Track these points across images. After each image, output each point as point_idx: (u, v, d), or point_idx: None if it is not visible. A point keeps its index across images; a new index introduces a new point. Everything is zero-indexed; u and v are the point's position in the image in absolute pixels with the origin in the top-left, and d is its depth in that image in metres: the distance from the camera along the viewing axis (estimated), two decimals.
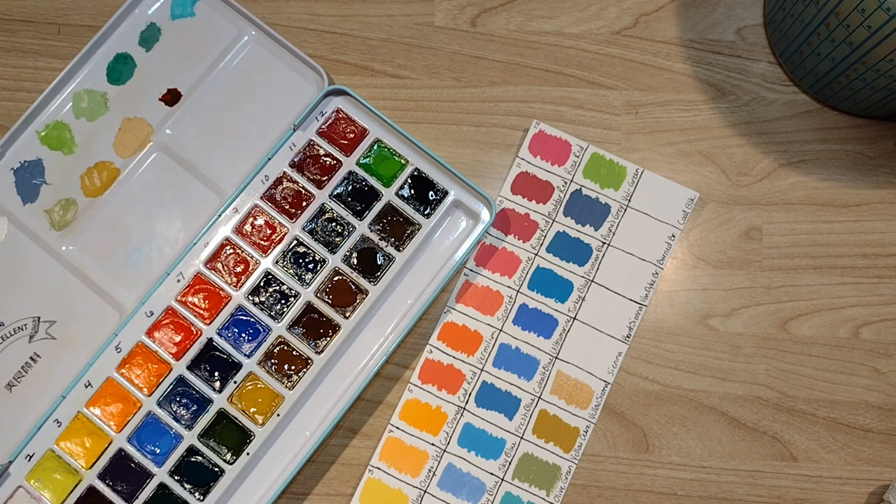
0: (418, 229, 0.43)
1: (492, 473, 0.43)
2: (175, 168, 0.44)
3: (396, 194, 0.43)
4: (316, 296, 0.42)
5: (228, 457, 0.41)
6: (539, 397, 0.43)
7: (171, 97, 0.45)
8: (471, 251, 0.44)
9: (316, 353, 0.42)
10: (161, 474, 0.40)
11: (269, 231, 0.43)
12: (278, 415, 0.41)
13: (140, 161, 0.44)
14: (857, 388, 0.43)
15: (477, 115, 0.46)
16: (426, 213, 0.43)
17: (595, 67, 0.47)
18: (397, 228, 0.43)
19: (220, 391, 0.41)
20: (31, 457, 0.40)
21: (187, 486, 0.40)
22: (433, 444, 0.43)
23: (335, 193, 0.43)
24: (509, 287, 0.44)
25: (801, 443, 0.43)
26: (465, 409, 0.43)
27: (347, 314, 0.42)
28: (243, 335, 0.42)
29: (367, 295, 0.42)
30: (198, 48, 0.45)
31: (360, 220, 0.43)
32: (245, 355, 0.42)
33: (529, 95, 0.46)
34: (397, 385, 0.44)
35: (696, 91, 0.46)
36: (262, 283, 0.42)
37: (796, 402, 0.43)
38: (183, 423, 0.41)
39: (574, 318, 0.44)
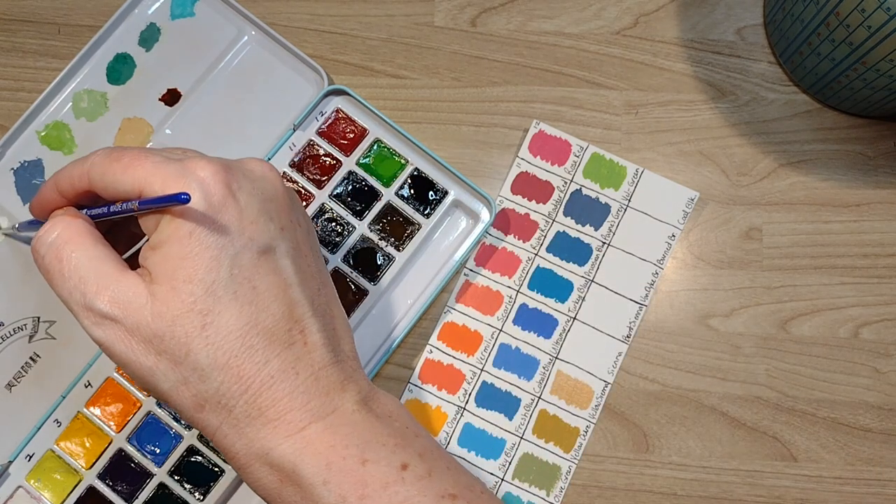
0: (418, 229, 0.43)
1: (492, 473, 0.43)
2: None
3: (396, 194, 0.43)
4: None
5: None
6: (539, 397, 0.43)
7: (171, 97, 0.45)
8: (471, 251, 0.44)
9: None
10: (161, 474, 0.40)
11: None
12: None
13: None
14: (857, 388, 0.43)
15: (477, 115, 0.46)
16: (426, 212, 0.43)
17: (595, 67, 0.47)
18: (397, 228, 0.43)
19: None
20: (31, 457, 0.40)
21: (187, 486, 0.40)
22: None
23: (335, 193, 0.43)
24: (509, 287, 0.44)
25: (801, 443, 0.43)
26: (465, 409, 0.43)
27: (347, 314, 0.42)
28: None
29: (366, 295, 0.42)
30: (198, 48, 0.45)
31: (360, 219, 0.43)
32: None
33: (529, 95, 0.46)
34: (397, 385, 0.44)
35: (696, 91, 0.46)
36: None
37: (796, 402, 0.43)
38: (183, 422, 0.41)
39: (574, 318, 0.44)
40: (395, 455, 0.30)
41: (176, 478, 0.41)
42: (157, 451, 0.41)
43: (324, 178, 0.43)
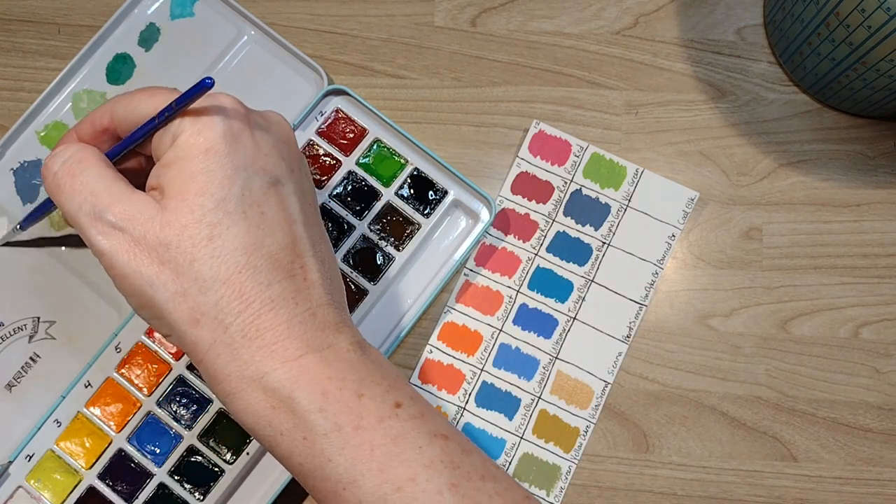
0: (418, 229, 0.43)
1: None
2: None
3: (396, 194, 0.43)
4: None
5: (228, 457, 0.41)
6: (539, 397, 0.43)
7: None
8: (470, 251, 0.44)
9: None
10: (161, 474, 0.40)
11: None
12: None
13: None
14: (857, 388, 0.43)
15: (477, 115, 0.46)
16: (426, 212, 0.43)
17: (595, 67, 0.47)
18: (397, 228, 0.43)
19: None
20: (31, 457, 0.40)
21: (187, 486, 0.40)
22: None
23: (335, 193, 0.43)
24: (509, 287, 0.44)
25: (801, 443, 0.43)
26: (465, 409, 0.43)
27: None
28: None
29: (366, 294, 0.42)
30: (197, 48, 0.45)
31: (360, 219, 0.43)
32: None
33: (529, 95, 0.46)
34: None
35: (696, 91, 0.46)
36: None
37: (796, 402, 0.43)
38: (183, 423, 0.41)
39: (574, 318, 0.44)
40: (388, 394, 0.30)
41: (176, 478, 0.41)
42: (157, 451, 0.41)
43: (323, 178, 0.43)
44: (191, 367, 0.41)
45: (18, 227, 0.39)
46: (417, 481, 0.28)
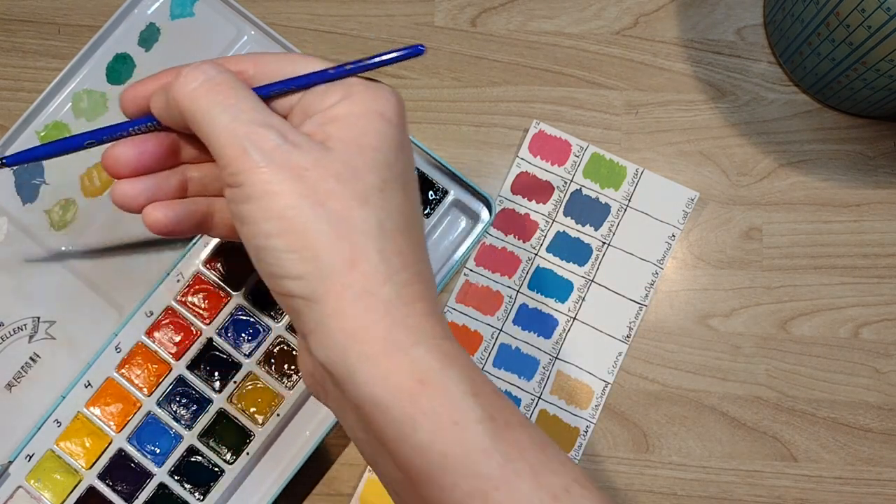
0: None
1: None
2: None
3: None
4: None
5: (228, 457, 0.41)
6: (539, 397, 0.43)
7: None
8: (470, 251, 0.44)
9: None
10: (161, 474, 0.40)
11: None
12: (278, 415, 0.41)
13: None
14: (857, 388, 0.43)
15: (477, 115, 0.46)
16: (426, 212, 0.43)
17: (595, 67, 0.47)
18: None
19: (219, 391, 0.41)
20: (31, 457, 0.40)
21: (187, 486, 0.40)
22: None
23: None
24: (509, 287, 0.44)
25: (801, 443, 0.43)
26: None
27: None
28: (243, 335, 0.42)
29: None
30: (197, 48, 0.45)
31: None
32: (245, 355, 0.42)
33: (529, 95, 0.46)
34: None
35: (696, 91, 0.46)
36: (262, 283, 0.42)
37: (796, 402, 0.43)
38: (183, 423, 0.41)
39: (574, 318, 0.44)
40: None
41: (176, 478, 0.41)
42: (157, 451, 0.41)
43: None
44: (190, 367, 0.41)
45: (4, 160, 0.35)
46: (572, 493, 0.25)
